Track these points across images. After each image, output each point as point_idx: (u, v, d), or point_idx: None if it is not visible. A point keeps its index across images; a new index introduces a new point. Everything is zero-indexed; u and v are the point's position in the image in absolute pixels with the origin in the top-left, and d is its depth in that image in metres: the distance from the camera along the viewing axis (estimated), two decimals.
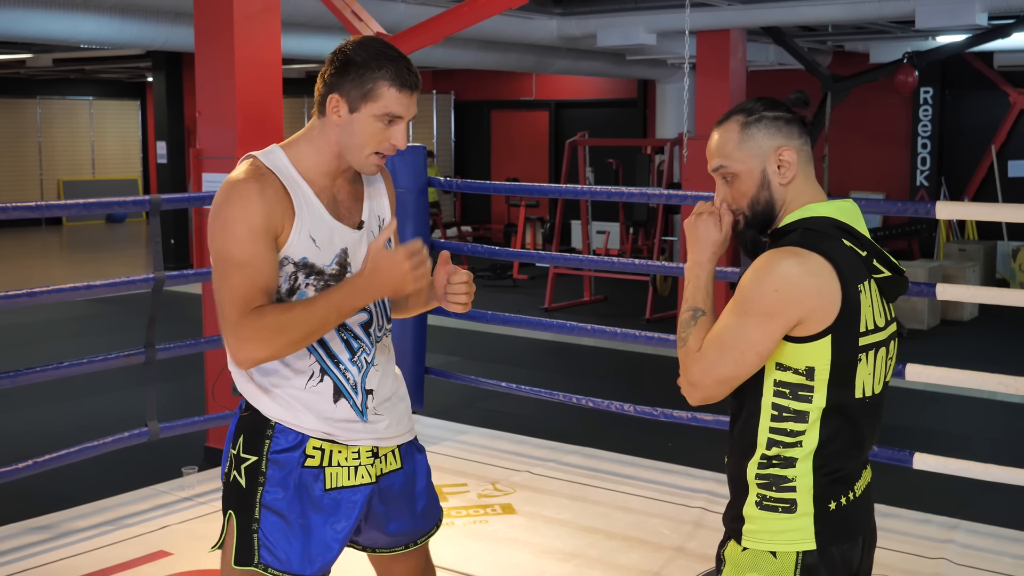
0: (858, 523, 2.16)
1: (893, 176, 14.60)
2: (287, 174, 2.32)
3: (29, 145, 21.02)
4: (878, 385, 2.16)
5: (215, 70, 5.62)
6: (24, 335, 9.62)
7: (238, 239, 2.24)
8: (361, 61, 2.29)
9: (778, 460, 2.11)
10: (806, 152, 2.18)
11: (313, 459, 2.38)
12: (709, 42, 10.29)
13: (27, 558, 4.26)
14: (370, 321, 2.43)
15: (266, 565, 2.36)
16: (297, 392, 2.36)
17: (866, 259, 2.11)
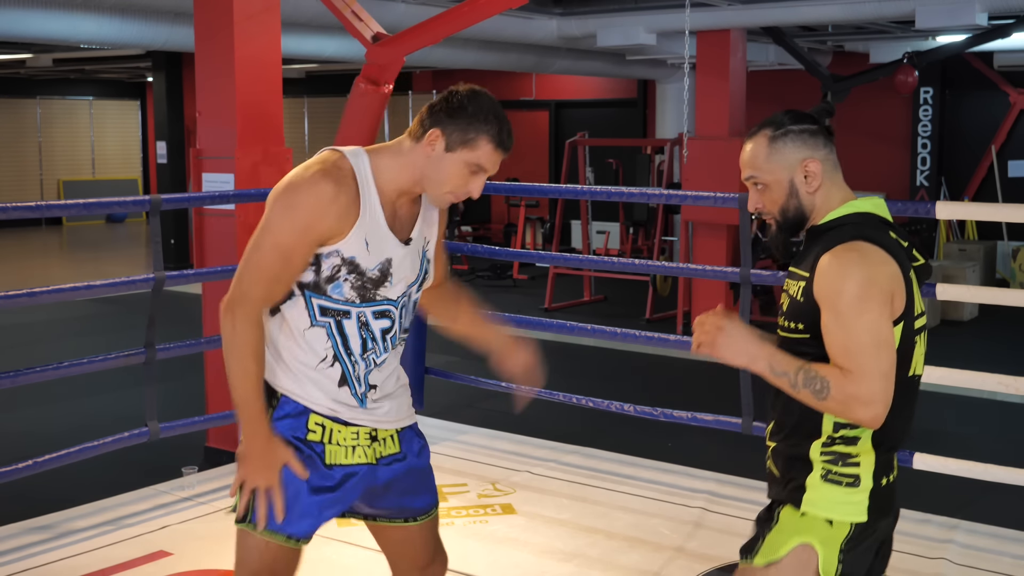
0: (897, 499, 2.40)
1: (893, 176, 14.60)
2: (364, 180, 2.49)
3: (29, 145, 21.02)
4: (922, 366, 2.35)
5: (215, 70, 5.62)
6: (24, 335, 9.62)
7: (294, 225, 2.41)
8: (473, 111, 2.50)
9: (842, 439, 2.29)
10: (832, 160, 2.36)
11: (315, 433, 2.54)
12: (709, 42, 10.29)
13: (27, 558, 4.26)
14: (390, 329, 2.59)
15: (255, 523, 2.50)
16: (307, 369, 2.53)
17: (907, 249, 2.30)
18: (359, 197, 2.46)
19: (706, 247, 9.81)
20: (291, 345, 2.53)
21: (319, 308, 2.50)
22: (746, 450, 5.57)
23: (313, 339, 2.52)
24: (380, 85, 6.05)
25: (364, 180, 2.49)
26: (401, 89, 17.97)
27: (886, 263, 2.20)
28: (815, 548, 2.28)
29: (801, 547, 2.29)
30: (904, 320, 2.24)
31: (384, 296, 2.54)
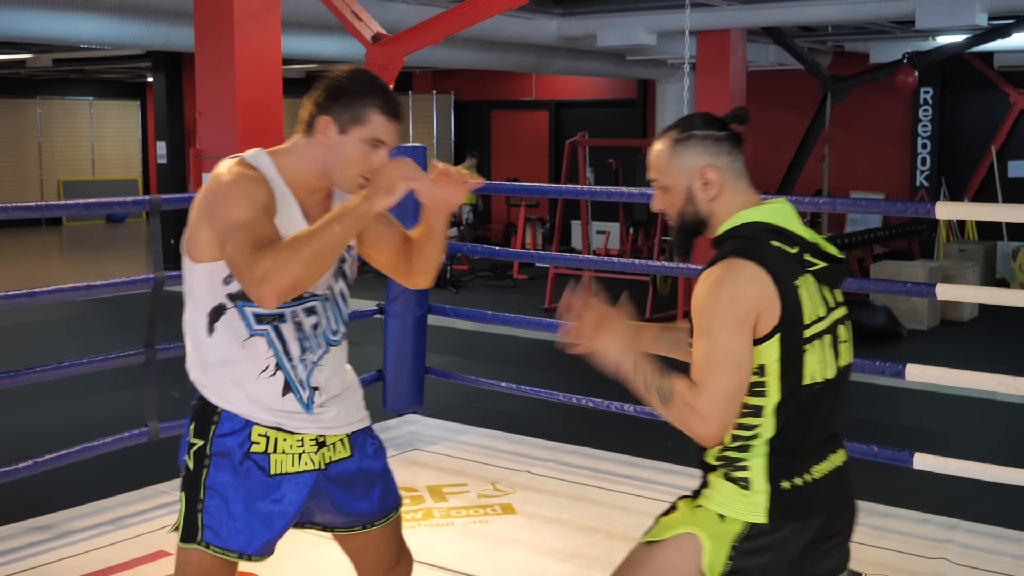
0: (818, 504, 2.30)
1: (893, 176, 14.60)
2: (272, 176, 2.47)
3: (29, 145, 21.02)
4: (830, 370, 2.29)
5: (215, 70, 5.62)
6: (24, 335, 9.62)
7: (238, 206, 2.36)
8: (353, 88, 2.45)
9: (733, 448, 2.28)
10: (735, 168, 2.33)
11: (258, 445, 2.51)
12: (709, 42, 10.30)
13: (27, 558, 4.26)
14: (318, 324, 2.55)
15: (208, 543, 2.49)
16: (249, 383, 2.50)
17: (797, 255, 2.25)
18: (273, 194, 2.44)
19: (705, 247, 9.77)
20: (230, 361, 2.49)
21: (254, 316, 2.47)
22: None
23: (253, 349, 2.48)
24: None
25: (273, 178, 2.46)
26: (401, 89, 17.98)
27: (756, 280, 2.19)
28: (701, 540, 2.26)
29: (686, 535, 2.28)
30: (783, 331, 2.20)
31: (310, 292, 2.51)
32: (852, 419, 6.68)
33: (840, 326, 2.34)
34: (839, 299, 2.36)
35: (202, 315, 2.50)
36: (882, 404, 7.26)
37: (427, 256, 2.66)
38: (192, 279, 2.51)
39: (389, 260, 2.70)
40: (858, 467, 5.23)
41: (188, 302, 2.55)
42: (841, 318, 2.35)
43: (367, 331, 8.58)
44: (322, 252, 2.31)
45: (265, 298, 2.28)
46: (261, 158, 2.49)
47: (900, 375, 4.55)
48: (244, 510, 2.49)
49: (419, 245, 2.66)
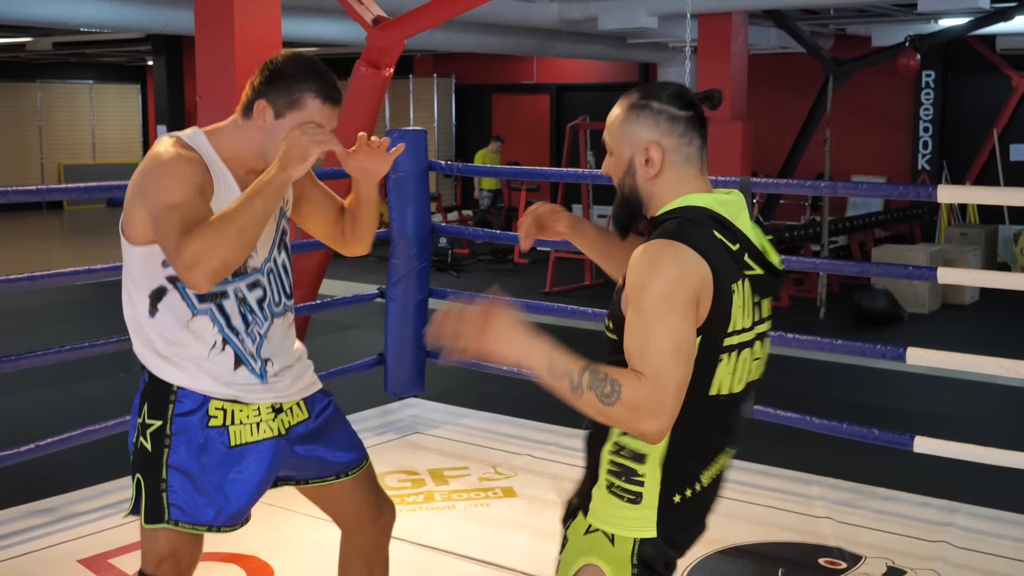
0: (703, 510, 2.24)
1: (894, 160, 14.58)
2: (210, 157, 2.50)
3: (29, 129, 20.99)
4: (738, 385, 2.12)
5: (215, 53, 5.61)
6: (25, 319, 9.63)
7: (172, 187, 2.38)
8: (290, 73, 2.49)
9: (628, 453, 2.11)
10: (684, 152, 2.13)
11: (216, 419, 2.55)
12: (710, 25, 10.26)
13: (29, 541, 4.27)
14: (264, 296, 2.59)
15: (176, 520, 2.52)
16: (200, 360, 2.53)
17: (737, 253, 2.06)
18: (209, 172, 2.47)
19: None
20: (177, 341, 2.52)
21: (196, 296, 2.50)
22: (746, 433, 5.57)
23: (198, 328, 2.51)
24: (381, 68, 6.04)
25: (209, 156, 2.49)
26: (402, 72, 17.94)
27: (700, 265, 1.98)
28: (601, 568, 2.15)
29: (587, 567, 2.17)
30: (707, 332, 2.01)
31: (252, 267, 2.55)
32: (853, 403, 6.70)
33: (760, 341, 2.17)
34: (765, 313, 2.19)
35: (143, 296, 2.54)
36: (883, 388, 7.26)
37: (360, 224, 2.73)
38: (131, 261, 2.55)
39: (326, 230, 2.77)
40: (859, 450, 5.26)
41: (127, 283, 2.59)
42: (762, 333, 2.18)
43: (368, 315, 8.58)
44: (247, 228, 2.34)
45: (197, 282, 2.32)
46: (198, 137, 2.52)
47: (901, 359, 4.54)
48: (208, 484, 2.53)
49: (352, 214, 2.74)
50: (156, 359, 2.55)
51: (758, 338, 2.16)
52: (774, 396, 5.39)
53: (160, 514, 2.52)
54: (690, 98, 2.15)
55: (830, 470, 5.11)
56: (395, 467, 5.06)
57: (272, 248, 2.61)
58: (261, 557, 4.09)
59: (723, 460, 2.26)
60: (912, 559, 4.14)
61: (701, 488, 2.19)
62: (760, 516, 4.58)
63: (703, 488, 2.19)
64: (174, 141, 2.49)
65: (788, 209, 14.30)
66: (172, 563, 2.57)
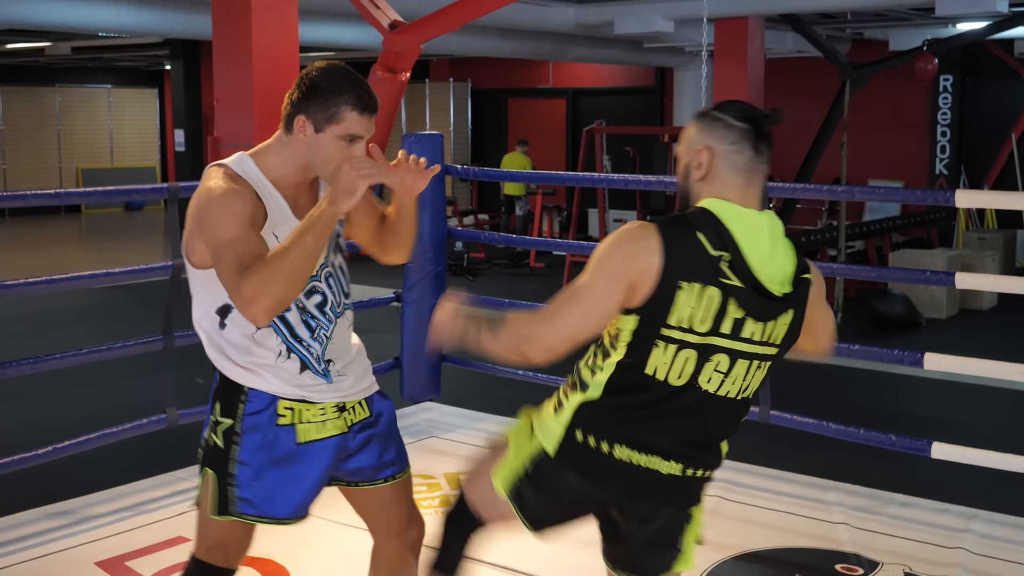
0: (599, 475, 2.32)
1: (912, 164, 14.52)
2: (259, 182, 2.57)
3: (48, 133, 21.11)
4: (677, 379, 2.25)
5: (232, 58, 5.63)
6: (43, 322, 9.68)
7: (224, 223, 2.46)
8: (326, 87, 2.54)
9: (579, 379, 2.36)
10: (735, 160, 2.25)
11: (284, 417, 2.64)
12: (727, 29, 10.25)
13: (46, 543, 4.29)
14: (324, 301, 2.67)
15: (242, 513, 2.63)
16: (269, 366, 2.62)
17: (714, 259, 2.17)
18: (260, 198, 2.55)
19: None
20: (246, 350, 2.62)
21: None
22: (763, 439, 5.56)
23: (264, 339, 2.61)
24: (397, 73, 6.05)
25: (258, 181, 2.57)
26: (418, 77, 17.97)
27: (651, 253, 2.18)
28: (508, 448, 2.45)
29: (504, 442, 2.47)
30: (645, 315, 2.21)
31: None
32: (870, 408, 6.67)
33: (723, 355, 2.24)
34: (758, 336, 2.25)
35: (211, 312, 2.64)
36: (900, 393, 7.23)
37: (399, 235, 2.79)
38: (196, 281, 2.65)
39: (367, 237, 2.84)
40: (876, 456, 5.23)
41: (196, 299, 2.68)
42: (739, 352, 2.25)
43: (384, 319, 8.59)
44: (299, 264, 2.41)
45: (256, 318, 2.42)
46: (245, 163, 2.60)
47: (919, 364, 4.52)
48: (275, 479, 2.63)
49: (392, 225, 2.80)
50: (228, 363, 2.65)
51: (727, 352, 2.24)
52: (791, 401, 5.37)
53: (227, 505, 2.62)
54: (751, 113, 2.28)
55: (847, 476, 5.09)
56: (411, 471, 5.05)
57: (329, 253, 2.68)
58: (277, 560, 4.10)
59: (664, 465, 2.33)
60: (929, 565, 4.12)
61: (606, 452, 2.30)
62: (777, 522, 4.57)
63: (608, 455, 2.30)
64: (223, 173, 2.55)
65: (805, 214, 14.26)
66: (222, 551, 2.68)
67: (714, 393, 2.29)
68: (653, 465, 2.32)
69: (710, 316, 2.19)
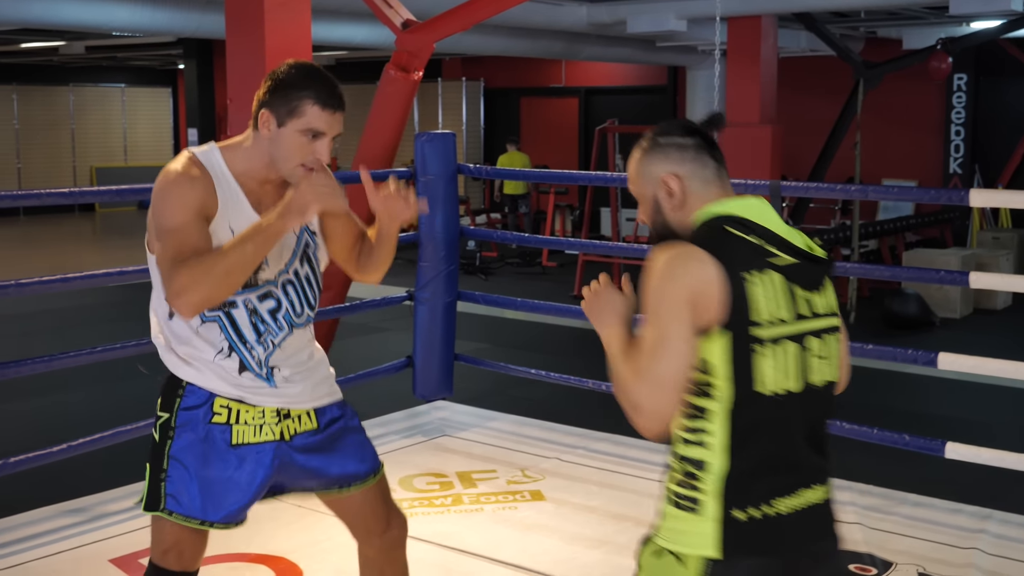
0: (782, 543, 2.06)
1: (926, 163, 14.47)
2: (220, 174, 2.57)
3: (62, 132, 21.19)
4: (793, 381, 2.05)
5: (246, 57, 5.64)
6: (58, 320, 9.72)
7: (172, 210, 2.48)
8: (289, 82, 2.55)
9: (688, 460, 2.07)
10: (701, 175, 2.15)
11: (220, 416, 2.62)
12: (740, 28, 10.23)
13: (61, 540, 4.31)
14: (278, 308, 2.64)
15: (170, 511, 2.60)
16: (208, 361, 2.61)
17: (756, 245, 2.04)
18: (215, 189, 2.54)
19: None
20: (189, 343, 2.61)
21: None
22: None
23: (207, 334, 2.60)
24: (410, 72, 6.06)
25: (218, 172, 2.56)
26: (431, 76, 17.98)
27: (702, 263, 2.00)
28: None
29: None
30: (729, 324, 1.99)
31: (264, 279, 2.60)
32: (883, 408, 6.65)
33: (814, 339, 2.09)
34: (819, 308, 2.11)
35: (162, 301, 2.62)
36: (914, 393, 7.21)
37: (376, 257, 2.78)
38: (153, 268, 2.62)
39: (343, 253, 2.81)
40: (890, 456, 5.21)
41: (154, 287, 2.66)
42: (818, 330, 2.10)
43: (397, 318, 8.60)
44: (234, 269, 2.42)
45: (180, 310, 2.45)
46: (212, 155, 2.59)
47: (932, 364, 4.51)
48: (205, 479, 2.60)
49: (369, 247, 2.79)
50: (170, 355, 2.66)
51: (814, 334, 2.09)
52: None
53: (157, 502, 2.60)
54: (693, 127, 2.19)
55: (860, 475, 5.07)
56: (423, 469, 5.07)
57: (292, 261, 2.66)
58: (290, 558, 4.11)
59: (810, 495, 2.11)
60: (943, 566, 4.11)
61: (776, 514, 2.04)
62: None
63: (779, 515, 2.04)
64: (187, 159, 2.57)
65: (818, 213, 14.22)
66: (175, 554, 2.64)
67: (817, 384, 2.11)
68: (806, 501, 2.11)
69: (784, 301, 2.04)
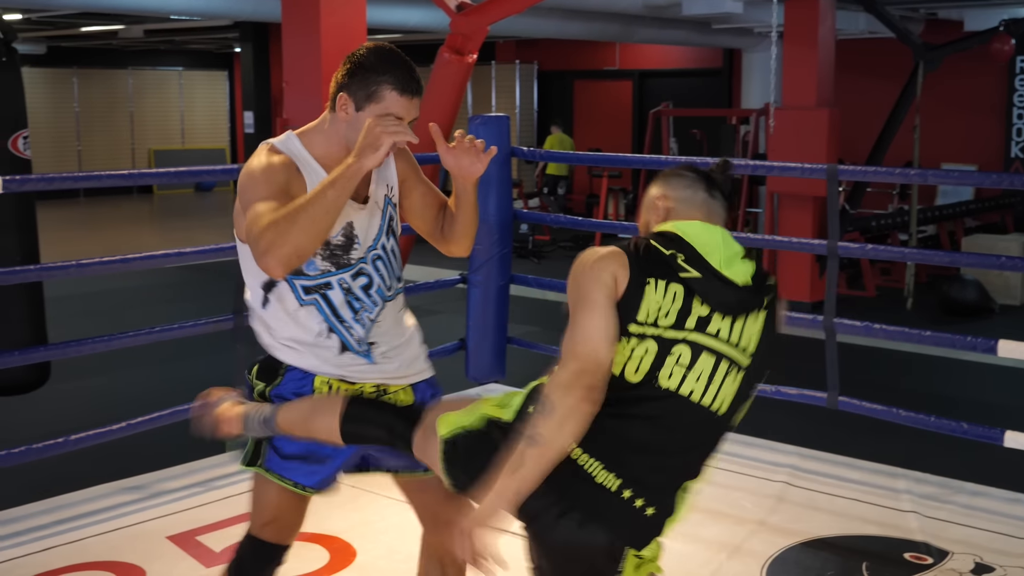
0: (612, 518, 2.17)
1: (987, 147, 14.21)
2: (301, 157, 2.58)
3: (121, 115, 21.47)
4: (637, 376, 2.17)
5: (301, 40, 5.68)
6: (117, 300, 9.87)
7: (258, 187, 2.49)
8: (368, 66, 2.53)
9: None
10: (688, 199, 2.35)
11: (321, 391, 2.65)
12: (797, 10, 10.09)
13: (119, 517, 4.39)
14: (371, 283, 2.65)
15: (268, 468, 2.66)
16: (308, 344, 2.63)
17: (669, 258, 2.20)
18: (301, 173, 2.55)
19: (792, 219, 9.67)
20: (286, 326, 2.63)
21: (302, 288, 2.60)
22: (830, 424, 5.51)
23: (305, 318, 2.61)
24: (464, 55, 6.05)
25: (300, 157, 2.58)
26: (484, 59, 17.96)
27: (615, 255, 2.20)
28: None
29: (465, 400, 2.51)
30: (619, 307, 2.17)
31: (355, 257, 2.62)
32: (941, 395, 6.57)
33: (705, 354, 2.19)
34: (733, 337, 2.22)
35: (256, 287, 2.65)
36: (972, 380, 7.11)
37: (459, 223, 2.74)
38: (243, 257, 2.65)
39: (428, 226, 2.81)
40: (947, 444, 5.16)
41: (245, 275, 2.69)
42: (717, 351, 2.20)
43: (450, 300, 8.62)
44: (317, 216, 2.39)
45: (271, 268, 2.40)
46: (290, 141, 2.61)
47: (992, 351, 4.44)
48: (304, 447, 2.64)
49: (450, 213, 2.77)
50: (269, 339, 2.68)
51: (695, 347, 2.19)
52: (860, 387, 5.31)
53: (257, 458, 2.67)
54: (701, 169, 2.42)
55: (917, 463, 5.02)
56: None
57: (379, 236, 2.67)
58: (344, 538, 4.15)
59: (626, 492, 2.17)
60: (1001, 556, 4.05)
61: (587, 473, 2.15)
62: (844, 509, 4.52)
63: (589, 476, 2.15)
64: (267, 148, 2.60)
65: (876, 197, 14.03)
66: (275, 527, 2.71)
67: (676, 391, 2.18)
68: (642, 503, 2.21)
69: (675, 311, 2.18)
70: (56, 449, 4.35)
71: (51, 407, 6.08)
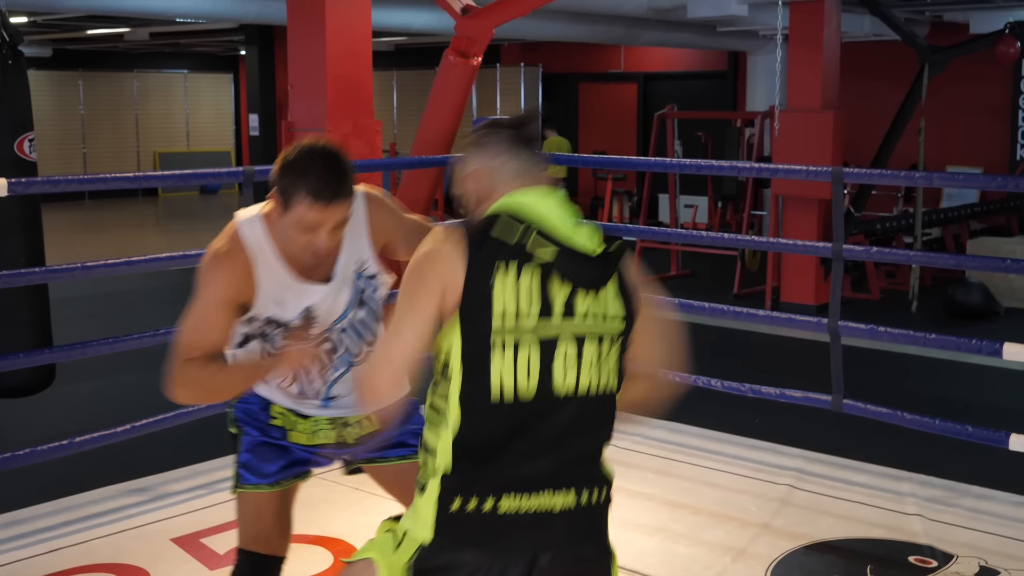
0: (488, 537, 1.99)
1: (992, 150, 14.20)
2: (260, 248, 2.54)
3: (126, 117, 21.49)
4: (533, 385, 1.98)
5: (306, 43, 5.68)
6: (122, 302, 9.88)
7: (205, 299, 2.53)
8: (289, 168, 2.44)
9: (424, 445, 2.09)
10: (512, 166, 2.13)
11: (276, 420, 2.75)
12: (802, 12, 10.08)
13: (124, 519, 4.39)
14: (336, 350, 2.67)
15: (243, 486, 2.75)
16: (270, 384, 2.71)
17: (516, 245, 1.99)
18: (253, 270, 2.52)
19: (796, 221, 9.65)
20: None
21: (270, 349, 2.66)
22: (835, 427, 5.50)
23: None
24: (469, 57, 6.06)
25: (260, 248, 2.54)
26: (489, 62, 17.97)
27: (446, 243, 2.02)
28: (376, 566, 2.08)
29: (364, 562, 2.10)
30: (463, 319, 1.98)
31: (318, 332, 2.61)
32: (946, 398, 6.56)
33: (588, 343, 2.02)
34: (592, 310, 2.03)
35: (236, 335, 2.66)
36: (977, 384, 7.09)
37: None
38: None
39: None
40: (952, 447, 5.15)
41: None
42: (595, 334, 2.03)
43: None
44: (221, 389, 2.60)
45: (172, 397, 2.56)
46: (254, 227, 2.56)
47: (997, 354, 4.44)
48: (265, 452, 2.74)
49: None
50: None
51: (577, 339, 2.02)
52: (864, 390, 5.30)
53: (236, 481, 2.75)
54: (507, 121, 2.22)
55: (922, 467, 5.01)
56: None
57: (348, 310, 2.66)
58: (348, 540, 4.15)
59: (554, 499, 2.01)
60: (1006, 559, 4.05)
61: (489, 510, 1.98)
62: (849, 512, 4.52)
63: (492, 512, 1.98)
64: (231, 235, 2.58)
65: (881, 200, 14.02)
66: (260, 538, 2.75)
67: (575, 392, 2.02)
68: (543, 505, 2.01)
69: (535, 297, 1.98)
70: (61, 451, 4.36)
71: (56, 409, 6.09)
